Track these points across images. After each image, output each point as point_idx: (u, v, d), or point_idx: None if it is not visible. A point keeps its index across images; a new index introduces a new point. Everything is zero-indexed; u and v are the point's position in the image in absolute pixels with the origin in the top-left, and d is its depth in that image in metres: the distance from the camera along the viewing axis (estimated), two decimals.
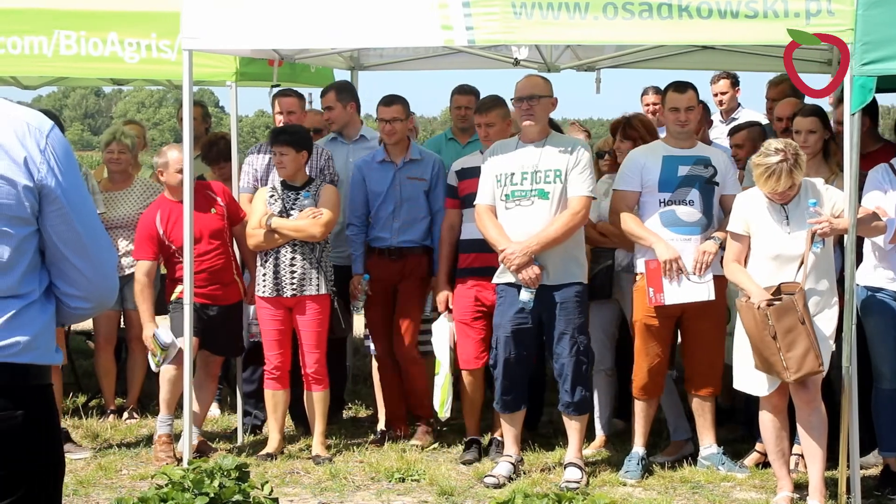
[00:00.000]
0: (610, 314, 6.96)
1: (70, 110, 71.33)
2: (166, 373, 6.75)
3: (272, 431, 6.88)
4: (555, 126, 6.94)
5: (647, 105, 9.94)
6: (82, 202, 2.81)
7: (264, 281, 6.78)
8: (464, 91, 8.06)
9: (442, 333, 6.77)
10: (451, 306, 6.80)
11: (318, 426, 6.78)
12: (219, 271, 6.81)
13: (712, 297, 6.23)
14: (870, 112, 6.57)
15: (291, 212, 6.78)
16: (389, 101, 7.05)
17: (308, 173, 6.92)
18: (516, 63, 7.21)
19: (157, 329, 6.68)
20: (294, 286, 6.71)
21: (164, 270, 7.10)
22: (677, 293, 6.24)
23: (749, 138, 7.16)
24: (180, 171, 6.66)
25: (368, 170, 7.03)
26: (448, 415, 6.84)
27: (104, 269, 2.85)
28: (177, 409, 6.81)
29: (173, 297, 6.81)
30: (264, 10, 5.97)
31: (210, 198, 6.84)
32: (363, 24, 5.90)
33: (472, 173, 6.65)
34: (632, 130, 6.93)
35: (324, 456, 6.62)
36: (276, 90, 7.50)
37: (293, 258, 6.75)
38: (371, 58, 8.68)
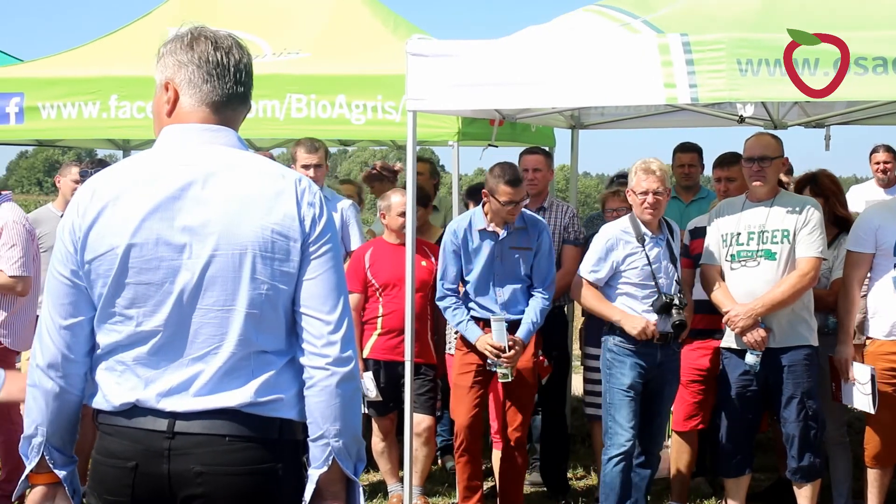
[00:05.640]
0: None
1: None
2: (376, 447, 7.00)
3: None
4: (781, 184, 6.75)
5: (878, 163, 9.58)
6: (337, 258, 2.89)
7: (456, 338, 6.77)
8: (686, 149, 7.97)
9: None
10: None
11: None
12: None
13: (872, 412, 6.02)
14: None
15: None
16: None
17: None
18: (741, 120, 7.07)
19: (364, 377, 6.77)
20: None
21: None
22: (849, 396, 6.10)
23: None
24: (401, 215, 6.81)
25: (466, 238, 6.47)
26: None
27: (342, 328, 2.85)
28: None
29: (365, 352, 6.89)
30: (486, 72, 6.04)
31: (424, 251, 6.95)
32: (585, 83, 5.90)
33: (704, 233, 6.54)
34: (819, 186, 6.69)
35: None
36: (523, 149, 7.61)
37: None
38: (592, 116, 8.67)
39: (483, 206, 6.48)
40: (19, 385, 5.73)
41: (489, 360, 6.38)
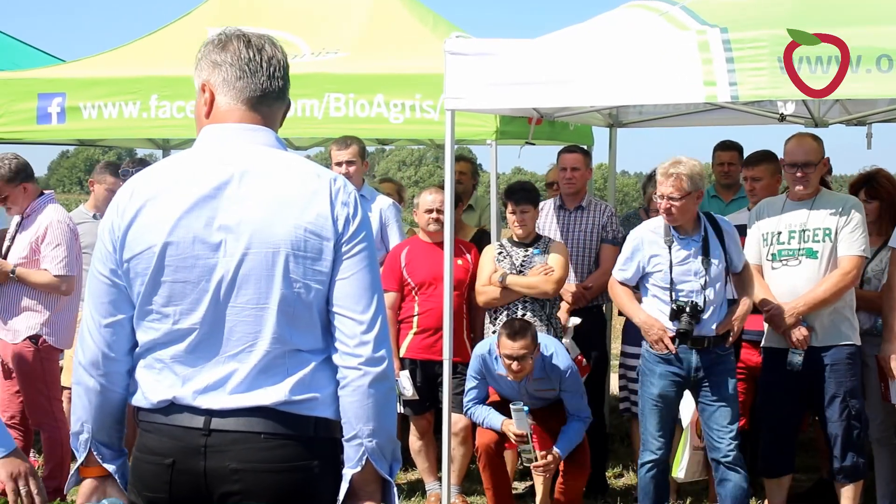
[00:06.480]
0: None
1: None
2: (413, 446, 7.04)
3: None
4: (824, 182, 6.69)
5: None
6: (372, 258, 2.88)
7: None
8: (727, 147, 7.92)
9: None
10: None
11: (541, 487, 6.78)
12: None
13: None
14: None
15: (521, 269, 6.77)
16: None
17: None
18: (782, 118, 6.99)
19: (400, 376, 6.81)
20: None
21: None
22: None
23: None
24: (428, 212, 6.92)
25: (491, 372, 6.52)
26: (682, 476, 6.56)
27: (375, 327, 2.85)
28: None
29: (402, 351, 6.90)
30: (525, 70, 6.03)
31: (460, 249, 6.95)
32: (624, 81, 5.87)
33: (743, 231, 6.49)
34: (876, 188, 6.61)
35: None
36: (562, 148, 7.62)
37: (524, 315, 6.72)
38: (630, 115, 8.64)
39: None
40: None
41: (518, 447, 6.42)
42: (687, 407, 6.29)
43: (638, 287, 6.21)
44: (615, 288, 6.25)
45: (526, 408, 6.31)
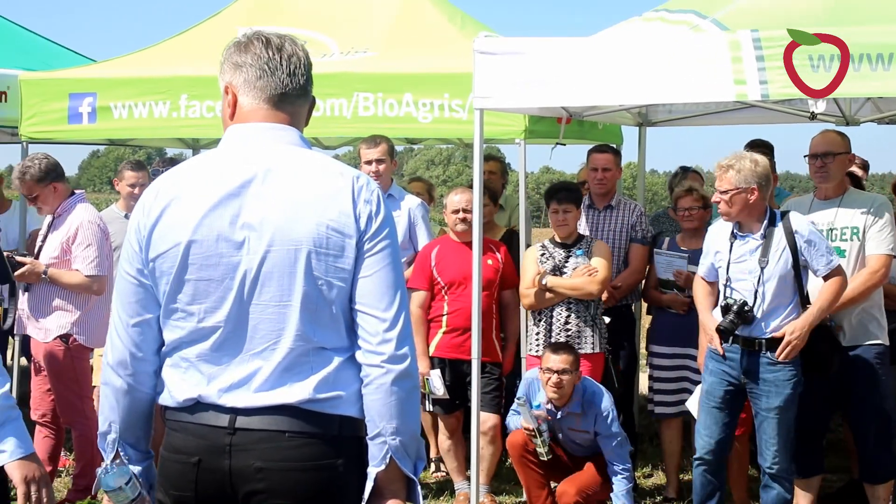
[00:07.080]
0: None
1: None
2: (442, 445, 7.04)
3: None
4: (856, 181, 6.64)
5: None
6: (395, 256, 2.88)
7: (537, 340, 6.77)
8: (756, 146, 7.87)
9: None
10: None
11: None
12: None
13: None
14: None
15: (564, 269, 6.75)
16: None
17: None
18: (813, 117, 6.95)
19: (431, 375, 6.80)
20: None
21: None
22: None
23: None
24: (455, 212, 6.93)
25: (532, 398, 6.53)
26: None
27: (398, 325, 2.84)
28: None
29: (431, 350, 6.90)
30: (554, 69, 6.02)
31: (490, 249, 6.94)
32: (654, 80, 5.85)
33: None
34: None
35: None
36: (593, 147, 7.63)
37: (567, 316, 6.71)
38: (660, 113, 8.59)
39: None
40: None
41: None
42: (693, 402, 6.27)
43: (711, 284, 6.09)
44: (695, 284, 6.20)
45: (534, 404, 6.32)
